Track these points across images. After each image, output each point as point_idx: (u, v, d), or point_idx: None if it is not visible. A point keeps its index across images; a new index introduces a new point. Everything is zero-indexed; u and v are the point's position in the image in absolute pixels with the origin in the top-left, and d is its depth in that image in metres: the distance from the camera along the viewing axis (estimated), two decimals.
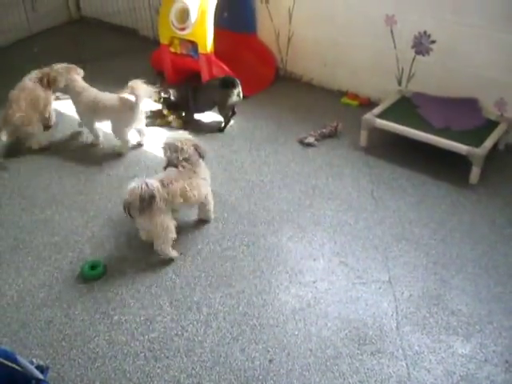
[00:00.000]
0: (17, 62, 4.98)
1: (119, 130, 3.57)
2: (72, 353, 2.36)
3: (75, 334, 2.45)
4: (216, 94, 3.79)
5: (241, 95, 3.79)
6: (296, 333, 2.40)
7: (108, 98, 3.60)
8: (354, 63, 4.06)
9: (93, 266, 2.74)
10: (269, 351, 2.33)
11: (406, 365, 2.26)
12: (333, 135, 3.70)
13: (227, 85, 3.75)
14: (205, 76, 4.18)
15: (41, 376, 1.93)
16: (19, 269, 2.81)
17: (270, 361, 2.29)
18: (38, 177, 3.49)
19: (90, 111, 3.61)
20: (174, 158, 2.79)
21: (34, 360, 2.06)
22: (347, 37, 4.00)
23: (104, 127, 3.72)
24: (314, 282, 2.64)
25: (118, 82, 4.52)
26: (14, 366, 1.95)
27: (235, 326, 2.44)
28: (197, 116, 4.00)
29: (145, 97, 3.57)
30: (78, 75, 3.75)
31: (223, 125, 3.86)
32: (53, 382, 2.21)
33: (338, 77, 4.20)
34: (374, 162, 3.46)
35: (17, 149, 3.72)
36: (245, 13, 4.48)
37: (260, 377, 2.22)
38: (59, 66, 3.75)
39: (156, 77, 4.57)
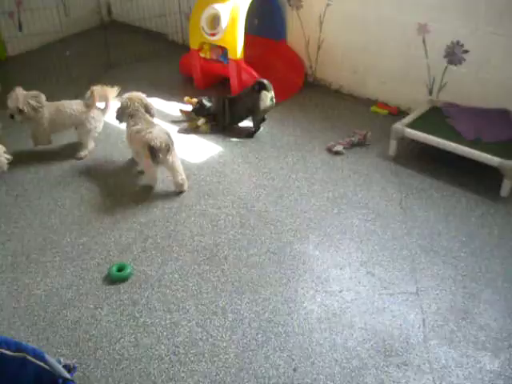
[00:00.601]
0: (50, 64, 5.05)
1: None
2: (98, 353, 2.38)
3: (101, 335, 2.46)
4: (250, 98, 3.79)
5: (274, 100, 3.78)
6: (321, 342, 2.38)
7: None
8: (384, 71, 4.04)
9: (120, 268, 2.75)
10: (293, 359, 2.31)
11: (433, 378, 2.22)
12: (361, 144, 3.68)
13: (261, 88, 3.74)
14: (233, 82, 4.19)
15: (68, 375, 1.94)
16: (47, 268, 2.84)
17: (295, 369, 2.27)
18: (68, 178, 3.53)
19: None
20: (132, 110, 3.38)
21: (62, 359, 2.08)
22: (378, 45, 3.98)
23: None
24: (341, 292, 2.62)
25: (147, 87, 4.59)
26: (41, 364, 1.97)
27: (260, 332, 2.43)
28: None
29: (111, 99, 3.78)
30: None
31: (253, 130, 3.87)
32: (78, 381, 2.22)
33: (368, 85, 4.19)
34: (403, 172, 3.43)
35: (47, 151, 3.78)
36: (275, 19, 4.49)
37: None
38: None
39: (184, 82, 4.61)
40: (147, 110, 3.43)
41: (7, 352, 1.97)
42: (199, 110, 3.94)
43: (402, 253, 2.83)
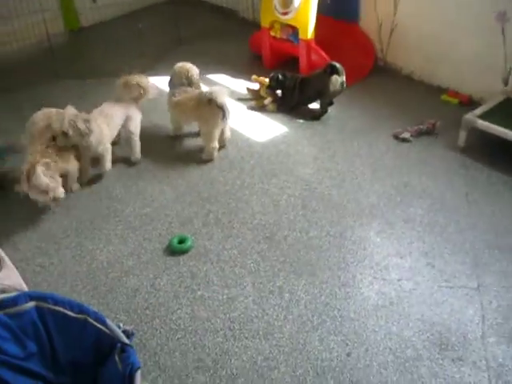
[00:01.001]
0: (121, 36, 5.15)
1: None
2: (155, 322, 2.44)
3: (159, 304, 2.52)
4: (320, 80, 3.74)
5: (344, 85, 3.74)
6: (376, 329, 2.36)
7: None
8: (457, 59, 3.91)
9: (181, 241, 2.80)
10: (347, 344, 2.30)
11: (489, 376, 2.17)
12: (430, 132, 3.59)
13: (333, 72, 3.69)
14: (302, 62, 4.16)
15: (126, 340, 2.00)
16: (110, 236, 2.92)
17: (348, 354, 2.26)
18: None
19: None
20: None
21: (121, 324, 2.14)
22: (453, 31, 3.85)
23: None
24: (399, 280, 2.58)
25: (215, 63, 4.62)
26: (102, 327, 2.03)
27: (316, 315, 2.43)
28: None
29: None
30: None
31: (319, 113, 3.83)
32: (135, 347, 2.28)
33: (440, 72, 4.06)
34: (471, 164, 3.33)
35: None
36: (348, 1, 4.41)
37: (337, 368, 2.20)
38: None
39: (253, 60, 4.61)
40: (190, 82, 3.51)
41: (70, 313, 2.04)
42: (276, 84, 3.91)
43: (465, 246, 2.76)
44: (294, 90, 3.86)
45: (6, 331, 1.97)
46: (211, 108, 3.28)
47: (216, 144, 3.41)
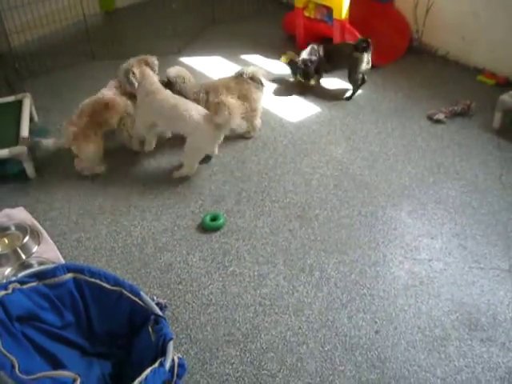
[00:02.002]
0: (156, 16, 5.18)
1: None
2: (187, 296, 2.49)
3: (191, 280, 2.57)
4: (347, 58, 3.74)
5: (370, 63, 3.72)
6: (405, 308, 2.37)
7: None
8: (494, 40, 3.84)
9: (213, 218, 2.85)
10: (376, 322, 2.32)
11: None
12: (464, 114, 3.55)
13: (365, 49, 3.68)
14: (336, 42, 4.14)
15: (160, 312, 2.05)
16: (145, 212, 2.99)
17: (377, 332, 2.29)
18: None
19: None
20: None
21: (155, 297, 2.20)
22: (490, 11, 3.78)
23: None
24: (430, 261, 2.59)
25: (249, 43, 4.62)
26: (136, 300, 2.09)
27: (345, 292, 2.45)
28: (325, 81, 3.99)
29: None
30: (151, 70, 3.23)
31: (351, 93, 3.83)
32: (168, 320, 2.34)
33: (476, 53, 4.00)
34: (506, 146, 3.28)
35: None
36: None
37: (365, 346, 2.23)
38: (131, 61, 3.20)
39: (286, 40, 4.60)
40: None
41: (106, 285, 2.10)
42: (305, 69, 3.85)
43: (497, 228, 2.74)
44: (319, 60, 3.86)
45: (44, 301, 2.04)
46: (254, 85, 3.37)
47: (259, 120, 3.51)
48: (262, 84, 3.42)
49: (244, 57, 4.43)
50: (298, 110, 3.75)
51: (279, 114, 3.69)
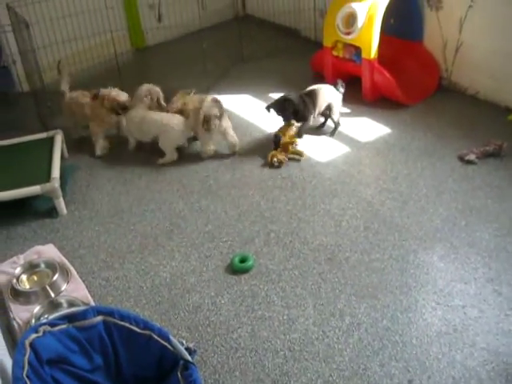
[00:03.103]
0: (186, 54, 5.27)
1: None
2: (216, 340, 2.46)
3: (220, 322, 2.55)
4: (332, 94, 3.88)
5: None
6: (439, 357, 2.31)
7: None
8: None
9: (242, 259, 2.83)
10: (409, 371, 2.26)
11: None
12: (496, 154, 3.50)
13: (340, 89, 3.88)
14: (365, 82, 4.15)
15: (189, 358, 2.03)
16: (173, 252, 2.98)
17: (410, 381, 2.22)
18: (197, 167, 3.67)
19: None
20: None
21: (184, 341, 2.18)
22: None
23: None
24: (463, 307, 2.52)
25: (277, 82, 4.66)
26: (166, 344, 2.07)
27: (377, 339, 2.40)
28: (353, 122, 4.00)
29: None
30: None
31: (335, 128, 3.91)
32: (196, 364, 2.31)
33: (507, 92, 3.97)
34: None
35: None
36: (412, 20, 4.37)
37: None
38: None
39: (314, 79, 4.62)
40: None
41: (135, 328, 2.09)
42: (288, 106, 3.75)
43: None
44: (305, 103, 3.80)
45: (74, 344, 2.04)
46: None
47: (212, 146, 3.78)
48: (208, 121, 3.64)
49: (272, 95, 4.45)
50: (327, 149, 3.74)
51: (308, 153, 3.69)
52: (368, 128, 3.93)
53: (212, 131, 3.64)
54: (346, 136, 3.87)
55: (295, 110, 3.74)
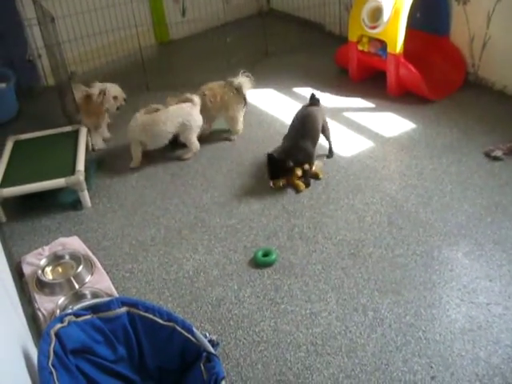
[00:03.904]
0: (209, 49, 5.28)
1: None
2: (238, 333, 2.47)
3: (243, 316, 2.55)
4: (322, 115, 3.51)
5: None
6: (463, 354, 2.29)
7: None
8: None
9: (265, 253, 2.83)
10: (432, 367, 2.25)
11: None
12: None
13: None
14: (390, 77, 4.11)
15: (212, 350, 2.04)
16: (197, 246, 2.99)
17: (433, 377, 2.21)
18: (221, 161, 3.68)
19: None
20: None
21: (207, 334, 2.19)
22: None
23: None
24: (488, 305, 2.49)
25: (301, 76, 4.64)
26: (189, 336, 2.08)
27: (400, 335, 2.38)
28: (380, 116, 3.96)
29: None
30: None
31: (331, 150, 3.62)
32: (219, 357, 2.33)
33: None
34: None
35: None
36: (439, 14, 4.32)
37: None
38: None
39: (339, 74, 4.60)
40: None
41: (159, 320, 2.11)
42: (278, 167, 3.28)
43: None
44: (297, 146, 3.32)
45: (98, 334, 2.06)
46: (237, 96, 3.80)
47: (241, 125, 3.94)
48: (244, 99, 3.84)
49: (296, 90, 4.45)
50: (351, 144, 3.72)
51: (332, 148, 3.67)
52: (393, 123, 3.90)
53: (242, 105, 3.81)
54: (371, 131, 3.84)
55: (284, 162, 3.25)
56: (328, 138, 3.58)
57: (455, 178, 3.29)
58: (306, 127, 3.36)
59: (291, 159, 3.24)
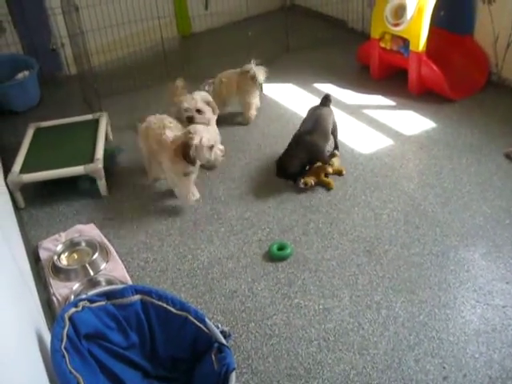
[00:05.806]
0: (231, 42, 5.28)
1: None
2: (250, 325, 2.47)
3: (255, 309, 2.55)
4: (330, 115, 3.47)
5: None
6: (476, 356, 2.26)
7: None
8: None
9: (280, 247, 2.83)
10: (444, 368, 2.23)
11: None
12: None
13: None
14: (412, 75, 4.08)
15: (224, 341, 2.04)
16: (212, 237, 3.00)
17: (445, 378, 2.19)
18: (239, 154, 3.69)
19: None
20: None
21: (219, 325, 2.19)
22: None
23: None
24: (504, 307, 2.47)
25: (322, 72, 4.62)
26: (201, 326, 2.09)
27: (413, 334, 2.37)
28: (400, 114, 3.93)
29: None
30: None
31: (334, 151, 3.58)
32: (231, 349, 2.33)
33: None
34: None
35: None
36: (463, 13, 4.27)
37: None
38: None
39: (360, 70, 4.57)
40: None
41: (172, 309, 2.12)
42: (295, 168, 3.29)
43: None
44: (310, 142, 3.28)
45: (111, 321, 2.07)
46: (253, 82, 3.91)
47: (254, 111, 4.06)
48: (260, 84, 4.05)
49: (316, 85, 4.43)
50: (370, 141, 3.70)
51: (351, 144, 3.65)
52: (412, 121, 3.87)
53: (257, 92, 3.99)
54: (390, 129, 3.82)
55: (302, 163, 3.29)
56: (335, 138, 3.58)
57: (474, 179, 3.26)
58: (317, 124, 3.34)
59: (302, 154, 3.25)
